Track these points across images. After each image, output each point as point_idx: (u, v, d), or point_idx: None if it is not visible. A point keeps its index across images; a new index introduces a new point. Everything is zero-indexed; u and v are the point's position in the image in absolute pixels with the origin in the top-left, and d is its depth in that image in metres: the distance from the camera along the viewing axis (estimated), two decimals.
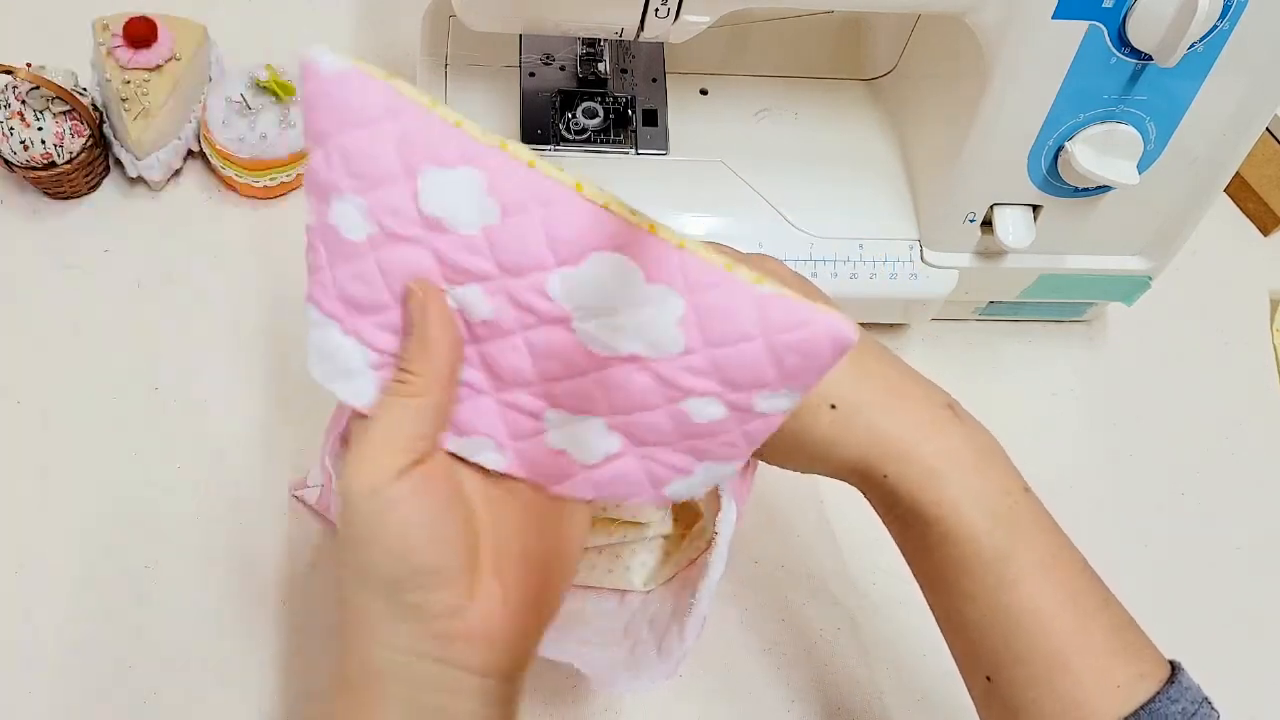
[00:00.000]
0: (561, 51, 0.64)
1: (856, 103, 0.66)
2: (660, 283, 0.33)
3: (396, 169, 0.34)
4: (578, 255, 0.34)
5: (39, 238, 0.64)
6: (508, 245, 0.34)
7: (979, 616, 0.40)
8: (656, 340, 0.34)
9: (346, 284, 0.36)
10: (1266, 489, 0.67)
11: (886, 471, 0.40)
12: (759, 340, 0.34)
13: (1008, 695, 0.40)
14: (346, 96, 0.33)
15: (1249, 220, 0.78)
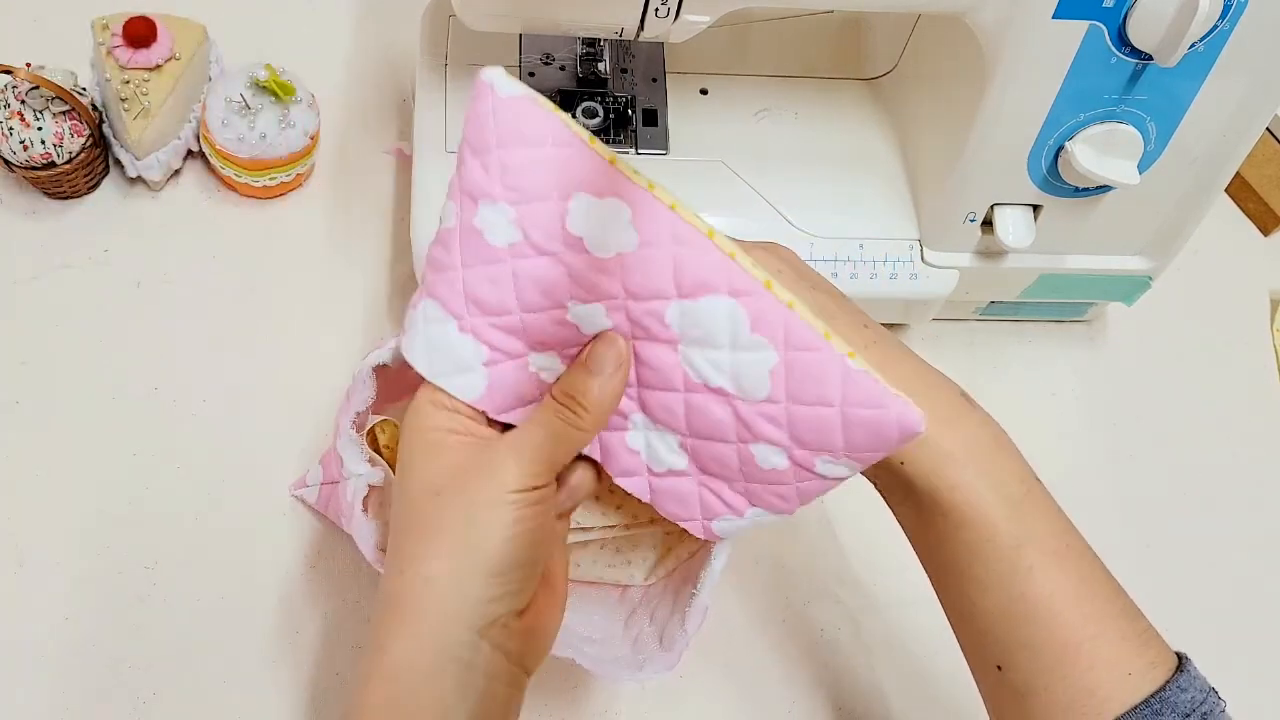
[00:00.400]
0: (561, 51, 0.64)
1: (856, 103, 0.66)
2: (762, 334, 0.37)
3: (552, 189, 0.37)
4: (697, 292, 0.37)
5: (39, 238, 0.64)
6: (637, 272, 0.37)
7: (991, 604, 0.40)
8: (745, 384, 0.38)
9: (477, 285, 0.38)
10: (1266, 489, 0.67)
11: (903, 458, 0.41)
12: (836, 409, 0.37)
13: (1019, 684, 0.40)
14: (518, 119, 0.36)
15: (1249, 220, 0.78)
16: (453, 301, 0.39)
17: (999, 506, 0.40)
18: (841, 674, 0.57)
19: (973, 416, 0.42)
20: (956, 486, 0.40)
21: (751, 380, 0.38)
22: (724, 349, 0.37)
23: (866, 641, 0.58)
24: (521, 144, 0.36)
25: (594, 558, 0.52)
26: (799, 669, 0.57)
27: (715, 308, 0.37)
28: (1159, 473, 0.66)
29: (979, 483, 0.40)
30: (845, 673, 0.57)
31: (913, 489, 0.41)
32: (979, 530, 0.40)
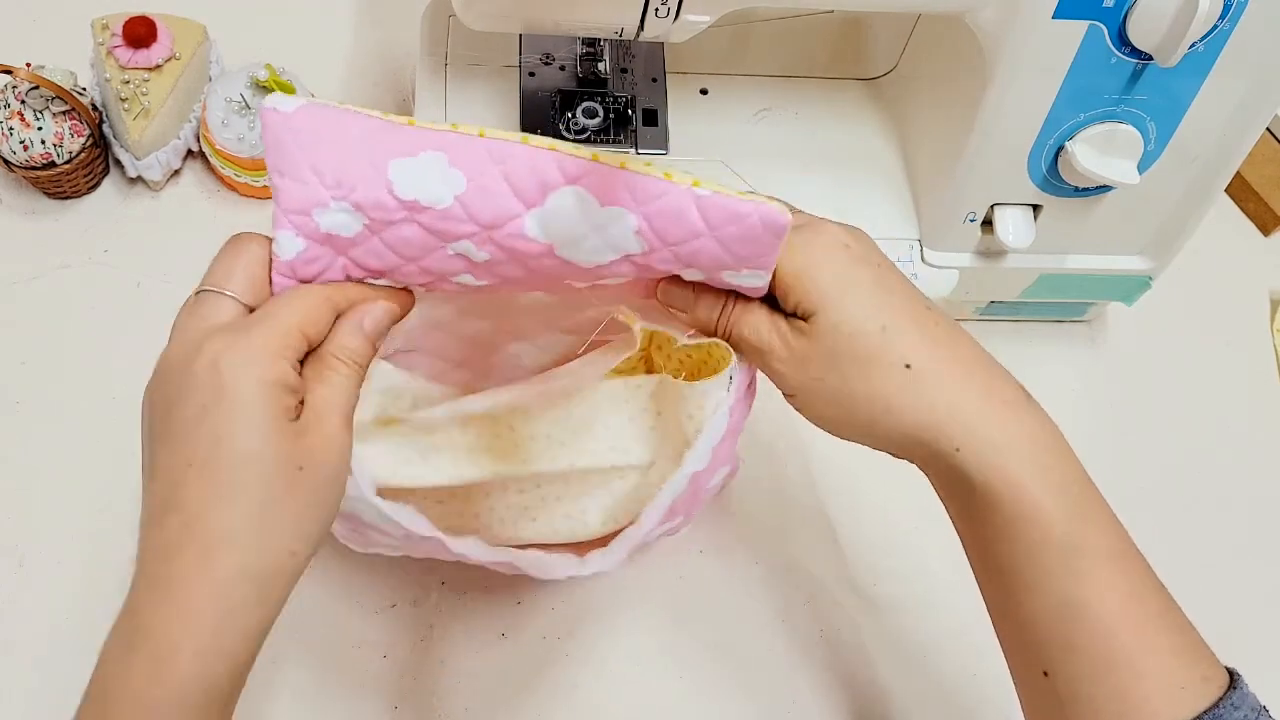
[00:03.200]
0: (561, 51, 0.64)
1: (856, 103, 0.66)
2: (612, 204, 0.38)
3: (367, 168, 0.38)
4: (540, 196, 0.39)
5: (39, 238, 0.64)
6: (480, 205, 0.39)
7: (1042, 607, 0.39)
8: (625, 248, 0.40)
9: (363, 258, 0.40)
10: (1267, 489, 0.67)
11: (959, 445, 0.39)
12: (707, 236, 0.39)
13: (1065, 692, 0.38)
14: (308, 123, 0.38)
15: (1249, 220, 0.78)
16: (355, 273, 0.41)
17: (1057, 506, 0.39)
18: (841, 674, 0.57)
19: (1034, 412, 0.41)
20: (1013, 483, 0.39)
21: (628, 245, 0.40)
22: (590, 234, 0.39)
23: (866, 641, 0.58)
24: (323, 143, 0.38)
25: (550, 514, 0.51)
26: (799, 670, 0.57)
27: (562, 201, 0.38)
28: (1159, 473, 0.66)
29: (1037, 480, 0.39)
30: (845, 673, 0.57)
31: (968, 482, 0.39)
32: (1034, 529, 0.38)
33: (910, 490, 0.45)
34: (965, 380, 0.40)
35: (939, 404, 0.40)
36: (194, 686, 0.34)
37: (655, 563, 0.58)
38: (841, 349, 0.40)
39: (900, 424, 0.40)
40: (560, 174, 0.38)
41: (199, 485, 0.35)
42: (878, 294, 0.41)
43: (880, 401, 0.40)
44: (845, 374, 0.40)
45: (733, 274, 0.41)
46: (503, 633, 0.55)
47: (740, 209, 0.38)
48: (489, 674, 0.54)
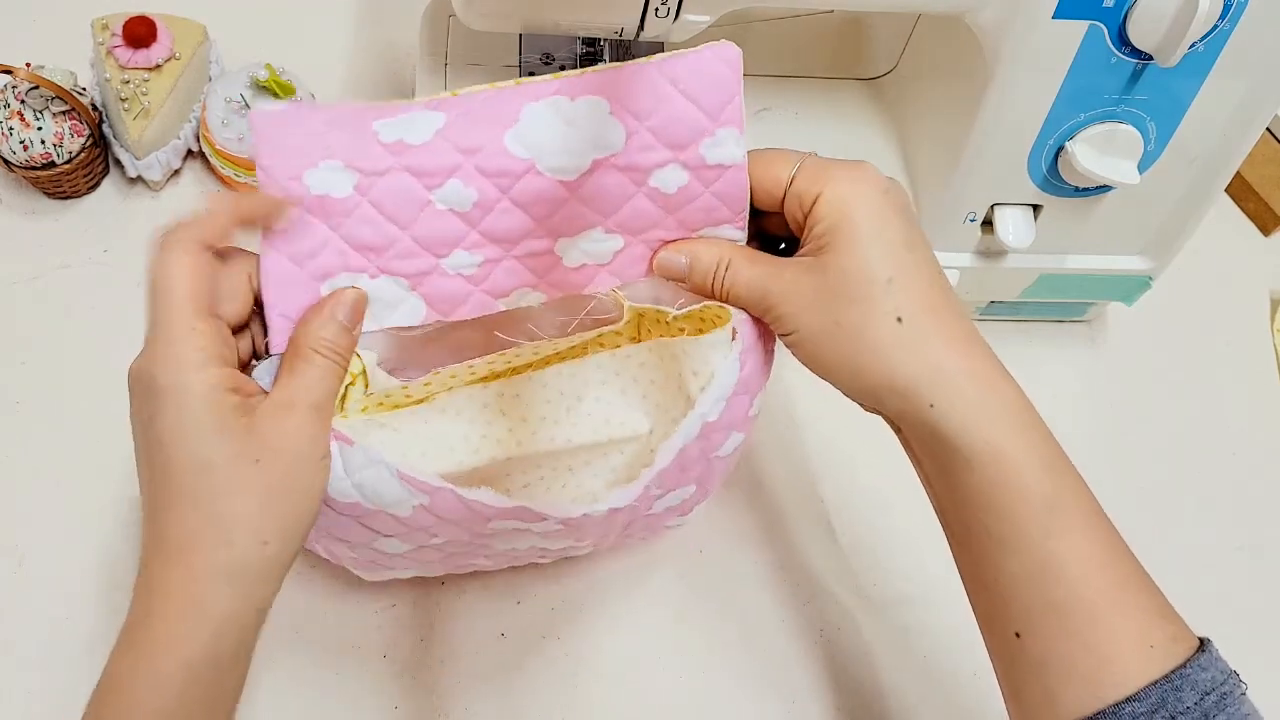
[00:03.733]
0: (561, 51, 0.64)
1: (856, 103, 0.66)
2: (584, 96, 0.41)
3: (353, 131, 0.40)
4: (514, 115, 0.41)
5: (39, 237, 0.64)
6: (460, 134, 0.41)
7: (1018, 566, 0.39)
8: (605, 141, 0.41)
9: (355, 232, 0.41)
10: (1266, 489, 0.67)
11: (935, 400, 0.40)
12: (675, 95, 0.41)
13: (1037, 652, 0.39)
14: (295, 116, 0.40)
15: (1249, 220, 0.78)
16: (349, 260, 0.41)
17: (1033, 467, 0.39)
18: (841, 674, 0.57)
19: (1011, 383, 0.41)
20: (991, 442, 0.39)
21: (605, 134, 0.41)
22: (568, 132, 0.41)
23: (867, 641, 0.58)
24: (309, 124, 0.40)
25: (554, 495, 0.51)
26: (798, 668, 0.57)
27: (535, 112, 0.41)
28: (1159, 472, 0.66)
29: (1014, 441, 0.39)
30: (845, 672, 0.57)
31: (945, 443, 0.40)
32: (1011, 489, 0.39)
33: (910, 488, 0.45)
34: (949, 343, 0.41)
35: (922, 359, 0.40)
36: (169, 687, 0.35)
37: (656, 563, 0.58)
38: (847, 290, 0.41)
39: (883, 372, 0.41)
40: (530, 96, 0.41)
41: (160, 494, 0.37)
42: (898, 246, 0.41)
43: (866, 345, 0.41)
44: (842, 313, 0.41)
45: (709, 143, 0.42)
46: (503, 633, 0.55)
47: (693, 55, 0.41)
48: (489, 674, 0.54)
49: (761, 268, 0.43)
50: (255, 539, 0.36)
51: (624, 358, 0.50)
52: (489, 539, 0.45)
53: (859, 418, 0.44)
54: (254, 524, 0.36)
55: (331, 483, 0.41)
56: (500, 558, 0.50)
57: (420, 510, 0.42)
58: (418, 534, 0.44)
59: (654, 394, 0.50)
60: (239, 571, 0.36)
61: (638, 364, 0.50)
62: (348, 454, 0.40)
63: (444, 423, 0.49)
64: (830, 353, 0.42)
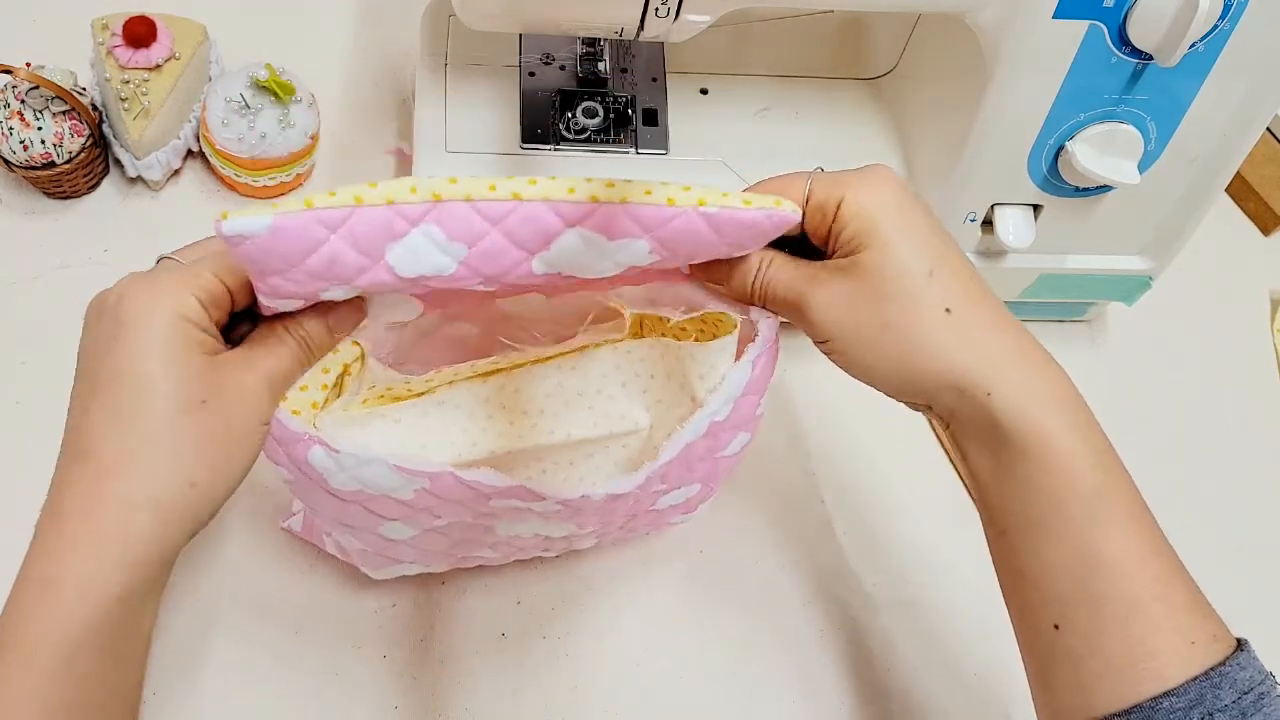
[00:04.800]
0: (561, 51, 0.64)
1: (856, 103, 0.66)
2: (622, 237, 0.39)
3: (365, 262, 0.36)
4: (545, 243, 0.38)
5: (39, 238, 0.64)
6: (486, 264, 0.38)
7: (1061, 556, 0.39)
8: (633, 263, 0.40)
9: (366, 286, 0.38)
10: (1266, 489, 0.67)
11: (992, 389, 0.39)
12: (717, 244, 0.40)
13: (1075, 644, 0.38)
14: (285, 242, 0.35)
15: (1249, 220, 0.78)
16: None
17: (1083, 456, 0.39)
18: (841, 674, 0.57)
19: (1059, 368, 0.41)
20: (1044, 430, 0.39)
21: (639, 261, 0.40)
22: (599, 261, 0.40)
23: (866, 642, 0.58)
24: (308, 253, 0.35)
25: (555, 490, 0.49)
26: (799, 669, 0.57)
27: (568, 243, 0.39)
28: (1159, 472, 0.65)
29: (1066, 429, 0.39)
30: (845, 673, 0.57)
31: (997, 428, 0.39)
32: (1062, 476, 0.39)
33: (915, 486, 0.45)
34: (1000, 330, 0.41)
35: (976, 347, 0.40)
36: (76, 619, 0.34)
37: (656, 563, 0.58)
38: (887, 288, 0.40)
39: (935, 364, 0.40)
40: (560, 221, 0.38)
41: (99, 413, 0.35)
42: (930, 238, 0.41)
43: (918, 341, 0.40)
44: (886, 313, 0.40)
45: None
46: (503, 633, 0.55)
47: (752, 219, 0.39)
48: (489, 674, 0.54)
49: (801, 270, 0.42)
50: (184, 477, 0.35)
51: (624, 352, 0.50)
52: (491, 521, 0.45)
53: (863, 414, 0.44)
54: (185, 461, 0.36)
55: (331, 478, 0.41)
56: (505, 547, 0.50)
57: (422, 492, 0.42)
58: (422, 515, 0.44)
59: (655, 389, 0.50)
60: (162, 504, 0.35)
61: (639, 359, 0.50)
62: (340, 459, 0.40)
63: (444, 415, 0.49)
64: (876, 355, 0.41)
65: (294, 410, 0.42)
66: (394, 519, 0.44)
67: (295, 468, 0.42)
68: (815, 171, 0.42)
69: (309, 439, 0.40)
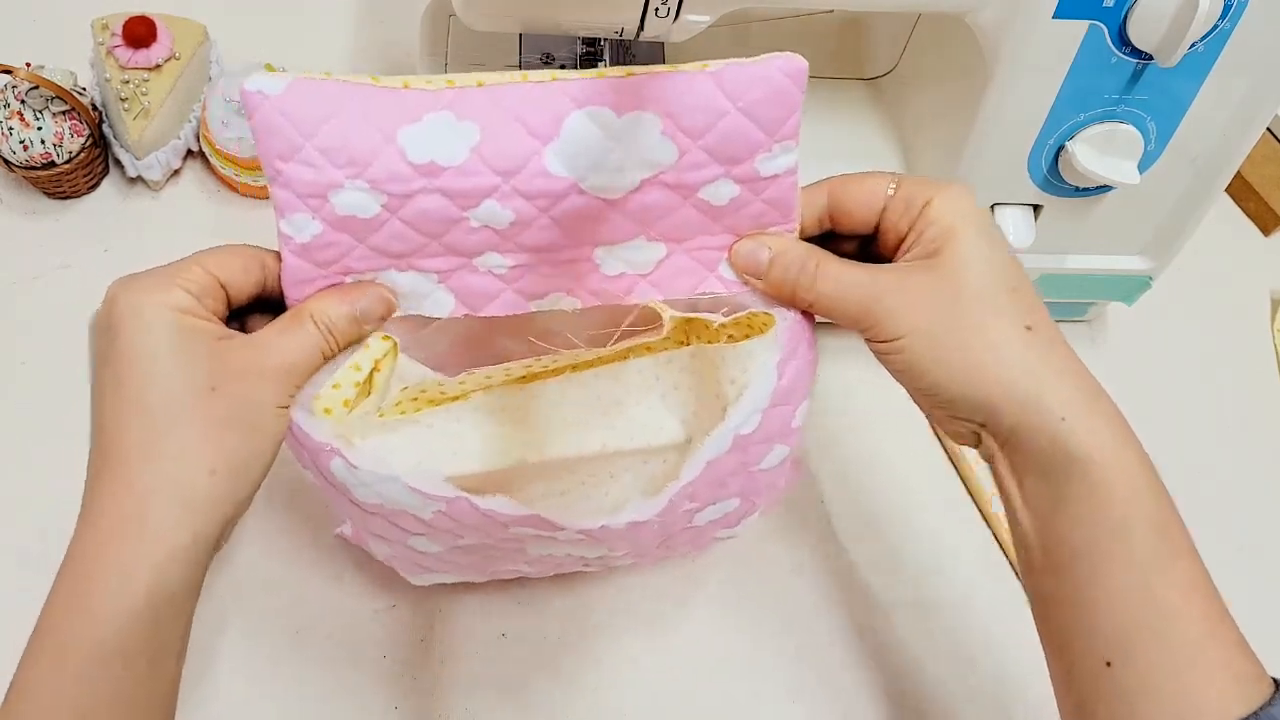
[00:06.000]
0: (561, 51, 0.64)
1: (856, 102, 0.66)
2: (629, 110, 0.37)
3: (377, 139, 0.37)
4: (554, 127, 0.38)
5: (39, 238, 0.64)
6: (497, 152, 0.38)
7: (1120, 589, 0.38)
8: (653, 158, 0.39)
9: (384, 244, 0.39)
10: (1266, 489, 0.67)
11: (1066, 414, 0.39)
12: (733, 112, 0.38)
13: (1128, 680, 0.38)
14: (303, 103, 0.36)
15: (1249, 220, 0.78)
16: (374, 262, 0.40)
17: (1148, 488, 0.39)
18: (842, 676, 0.57)
19: (1120, 412, 0.41)
20: (1114, 460, 0.38)
21: (654, 151, 0.38)
22: (613, 149, 0.38)
23: (867, 645, 0.58)
24: (324, 120, 0.36)
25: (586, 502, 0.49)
26: (799, 670, 0.57)
27: (577, 125, 0.38)
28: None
29: (1136, 461, 0.39)
30: (845, 674, 0.57)
31: (1066, 457, 0.39)
32: (1128, 508, 0.38)
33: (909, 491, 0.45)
34: (1071, 360, 0.41)
35: (1054, 370, 0.40)
36: (108, 621, 0.35)
37: (655, 565, 0.58)
38: (971, 290, 0.39)
39: (1011, 379, 0.39)
40: (569, 99, 0.37)
41: (112, 414, 0.36)
42: (1010, 259, 0.41)
43: (996, 354, 0.39)
44: (967, 314, 0.39)
45: (763, 158, 0.39)
46: (503, 633, 0.55)
47: (758, 69, 0.38)
48: (489, 674, 0.54)
49: (861, 270, 0.41)
50: (202, 465, 0.36)
51: (665, 362, 0.48)
52: (519, 543, 0.44)
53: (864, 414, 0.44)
54: (200, 448, 0.36)
55: (353, 490, 0.40)
56: (542, 564, 0.48)
57: (440, 515, 0.41)
58: (443, 535, 0.43)
59: (691, 402, 0.49)
60: (186, 494, 0.36)
61: (679, 368, 0.49)
62: (359, 474, 0.40)
63: (477, 420, 0.48)
64: (948, 357, 0.40)
65: (326, 409, 0.41)
66: (419, 534, 0.43)
67: (320, 476, 0.41)
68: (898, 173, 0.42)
69: (330, 450, 0.40)
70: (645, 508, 0.42)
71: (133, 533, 0.35)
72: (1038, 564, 0.41)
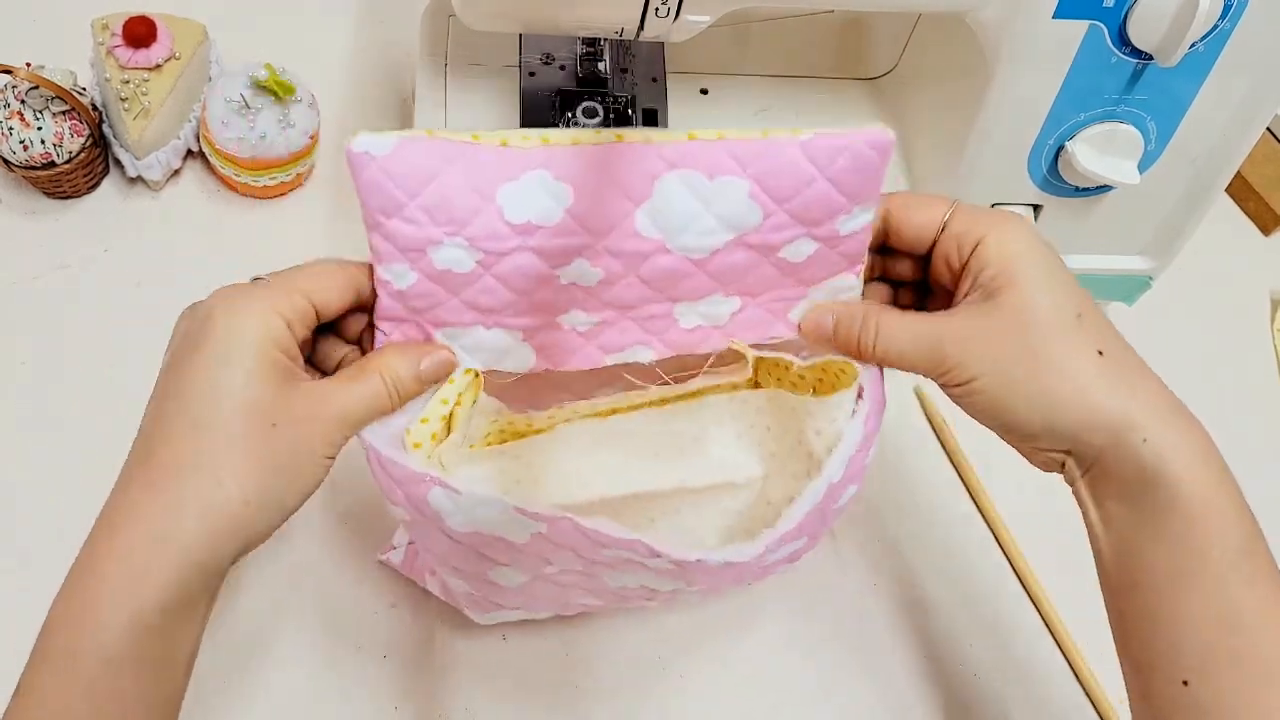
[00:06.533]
0: (561, 51, 0.64)
1: (856, 103, 0.66)
2: (721, 175, 0.39)
3: (477, 201, 0.38)
4: (646, 188, 0.39)
5: (38, 237, 0.64)
6: (590, 212, 0.39)
7: (1203, 611, 0.38)
8: (740, 221, 0.40)
9: (476, 299, 0.40)
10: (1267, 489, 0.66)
11: (1147, 435, 0.39)
12: (819, 179, 0.39)
13: (1207, 700, 0.38)
14: (408, 164, 0.37)
15: (1249, 220, 0.78)
16: (464, 316, 0.41)
17: (1232, 510, 0.39)
18: (841, 677, 0.57)
19: (1199, 422, 0.41)
20: (1200, 481, 0.38)
21: (741, 214, 0.40)
22: (702, 213, 0.39)
23: (867, 645, 0.58)
24: (427, 181, 0.37)
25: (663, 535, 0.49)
26: (798, 671, 0.57)
27: (668, 187, 0.39)
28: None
29: (1217, 482, 0.39)
30: (844, 676, 0.57)
31: (1148, 476, 0.39)
32: (1212, 530, 0.38)
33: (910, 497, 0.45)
34: (1148, 378, 0.40)
35: (1130, 392, 0.39)
36: (118, 628, 0.35)
37: None
38: (1039, 326, 0.39)
39: (1089, 402, 0.39)
40: (662, 161, 0.38)
41: (170, 420, 0.36)
42: (1073, 284, 0.41)
43: (1072, 383, 0.39)
44: (1038, 349, 0.39)
45: (844, 219, 0.41)
46: (503, 634, 0.55)
47: (846, 140, 0.39)
48: (489, 674, 0.54)
49: (923, 322, 0.42)
50: (240, 494, 0.36)
51: (741, 401, 0.49)
52: (601, 569, 0.44)
53: None
54: (245, 479, 0.36)
55: (449, 518, 0.41)
56: (609, 596, 0.48)
57: (537, 537, 0.42)
58: (533, 561, 0.43)
59: (769, 442, 0.49)
60: (213, 516, 0.36)
61: (754, 409, 0.49)
62: (458, 500, 0.40)
63: (557, 453, 0.49)
64: (1024, 392, 0.40)
65: (415, 444, 0.41)
66: (505, 564, 0.44)
67: (413, 508, 0.41)
68: (955, 200, 0.42)
69: (430, 479, 0.40)
70: (745, 550, 0.43)
71: (153, 544, 0.35)
72: (1115, 583, 0.41)
